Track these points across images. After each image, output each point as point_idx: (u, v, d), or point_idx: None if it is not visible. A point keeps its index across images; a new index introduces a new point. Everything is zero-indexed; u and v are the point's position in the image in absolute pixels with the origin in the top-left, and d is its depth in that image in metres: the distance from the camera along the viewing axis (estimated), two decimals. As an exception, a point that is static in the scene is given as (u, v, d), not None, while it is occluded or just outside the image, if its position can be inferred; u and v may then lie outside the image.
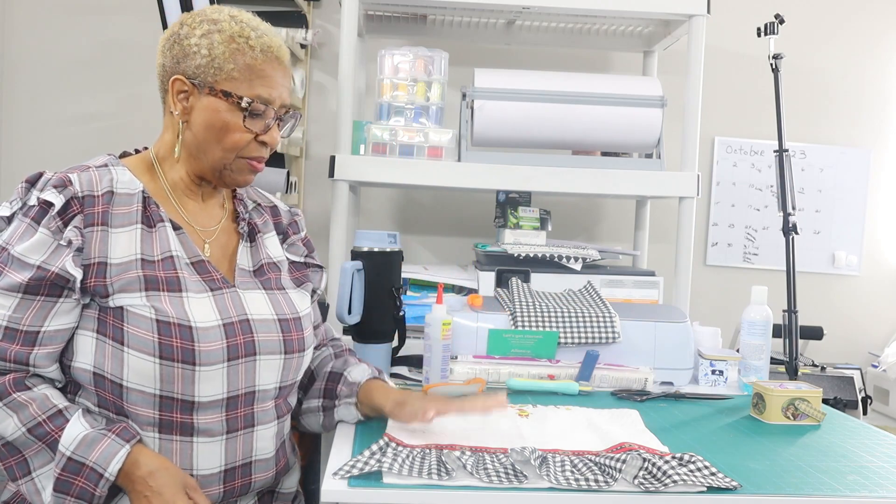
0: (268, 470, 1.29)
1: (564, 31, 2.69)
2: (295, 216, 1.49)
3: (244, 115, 1.24)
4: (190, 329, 1.17)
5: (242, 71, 1.24)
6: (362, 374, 1.39)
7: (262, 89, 1.25)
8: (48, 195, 1.17)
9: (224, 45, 1.23)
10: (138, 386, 1.17)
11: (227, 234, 1.35)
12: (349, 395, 1.37)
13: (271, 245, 1.39)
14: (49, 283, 1.15)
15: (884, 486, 1.16)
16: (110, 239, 1.20)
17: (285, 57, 1.29)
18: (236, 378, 1.22)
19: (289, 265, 1.41)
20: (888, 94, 3.02)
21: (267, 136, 1.28)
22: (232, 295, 1.26)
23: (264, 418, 1.27)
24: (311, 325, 1.38)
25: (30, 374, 1.18)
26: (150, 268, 1.20)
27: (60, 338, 1.18)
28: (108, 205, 1.21)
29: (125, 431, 1.15)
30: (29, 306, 1.16)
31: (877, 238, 3.04)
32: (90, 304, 1.19)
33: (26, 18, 2.88)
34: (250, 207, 1.40)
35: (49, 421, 1.14)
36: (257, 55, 1.24)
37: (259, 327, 1.26)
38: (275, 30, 1.31)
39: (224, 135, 1.25)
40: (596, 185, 2.25)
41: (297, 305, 1.34)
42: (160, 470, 1.14)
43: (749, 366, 1.78)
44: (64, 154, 2.83)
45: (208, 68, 1.23)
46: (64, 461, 1.13)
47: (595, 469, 1.14)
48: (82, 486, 1.12)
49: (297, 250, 1.45)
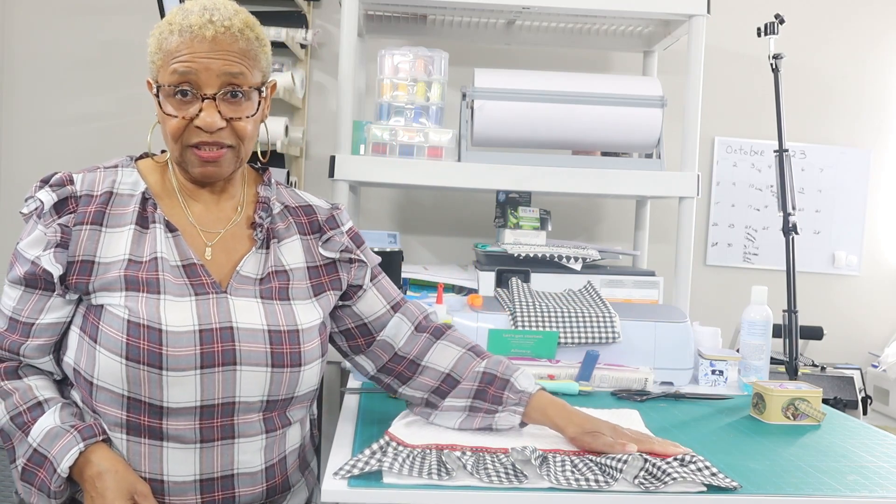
0: (254, 485, 1.22)
1: (564, 31, 2.69)
2: (334, 210, 1.39)
3: (158, 101, 1.21)
4: (160, 332, 1.15)
5: (164, 57, 1.20)
6: (530, 383, 1.32)
7: (177, 65, 1.17)
8: (42, 194, 1.20)
9: (154, 37, 1.21)
10: (107, 385, 1.16)
11: (237, 238, 1.29)
12: (517, 402, 1.29)
13: (288, 252, 1.30)
14: (41, 277, 1.18)
15: (884, 486, 1.16)
16: (102, 238, 1.19)
17: (210, 31, 1.17)
18: (211, 387, 1.17)
19: (314, 269, 1.32)
20: (888, 94, 3.02)
21: (198, 119, 1.18)
22: (219, 301, 1.21)
23: (248, 431, 1.20)
24: (317, 339, 1.27)
25: (23, 364, 1.22)
26: (135, 269, 1.19)
27: (52, 331, 1.20)
28: (104, 205, 1.21)
29: (88, 430, 1.15)
30: (29, 299, 1.19)
31: (877, 238, 3.04)
32: (81, 301, 1.20)
33: (26, 18, 2.88)
34: (276, 211, 1.32)
35: (28, 411, 1.17)
36: (174, 38, 1.18)
37: (243, 336, 1.19)
38: (230, 10, 1.21)
39: (163, 126, 1.22)
40: (596, 185, 2.25)
41: (300, 318, 1.25)
42: (108, 472, 1.12)
43: (749, 366, 1.78)
44: (64, 154, 2.84)
45: (150, 65, 1.22)
46: (30, 452, 1.15)
47: (595, 469, 1.14)
48: (43, 478, 1.14)
49: (333, 245, 1.34)
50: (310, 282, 1.31)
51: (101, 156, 1.33)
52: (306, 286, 1.30)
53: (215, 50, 1.18)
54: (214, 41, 1.18)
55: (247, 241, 1.29)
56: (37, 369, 1.23)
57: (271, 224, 1.31)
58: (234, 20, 1.21)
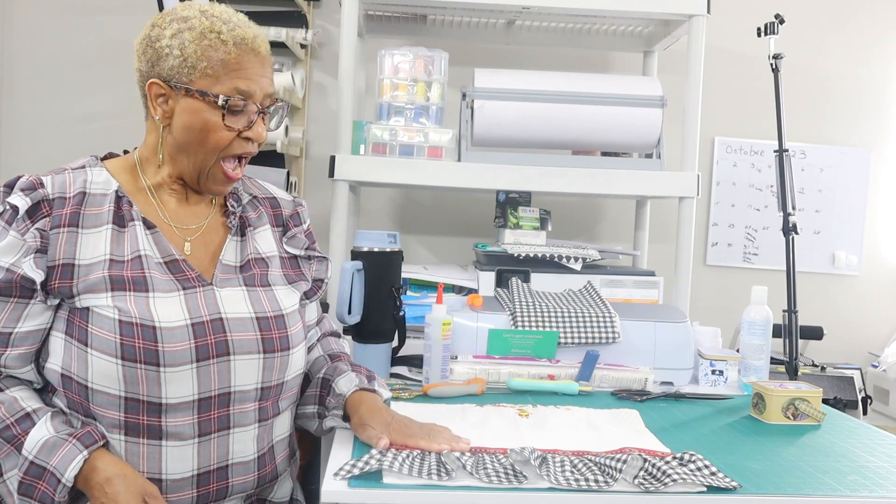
0: (247, 474, 1.24)
1: (564, 31, 2.69)
2: (297, 206, 1.44)
3: (223, 113, 1.21)
4: (154, 329, 1.15)
5: (217, 67, 1.20)
6: (349, 385, 1.34)
7: (240, 83, 1.21)
8: (14, 199, 1.18)
9: (195, 43, 1.20)
10: (103, 388, 1.15)
11: (214, 230, 1.32)
12: (336, 406, 1.33)
13: (262, 240, 1.35)
14: (18, 285, 1.15)
15: (884, 486, 1.16)
16: (80, 240, 1.18)
17: (262, 47, 1.24)
18: (208, 379, 1.18)
19: (284, 260, 1.37)
20: (888, 94, 3.02)
21: (251, 131, 1.24)
22: (206, 293, 1.22)
23: (243, 420, 1.22)
24: (299, 322, 1.32)
25: (3, 376, 1.19)
26: (118, 268, 1.18)
27: (32, 339, 1.18)
28: (79, 206, 1.20)
29: (87, 436, 1.14)
30: (3, 308, 1.16)
31: (877, 238, 3.04)
32: (62, 305, 1.19)
33: (26, 18, 2.88)
34: (245, 201, 1.36)
35: (16, 424, 1.14)
36: (230, 49, 1.20)
37: (233, 326, 1.21)
38: (250, 22, 1.27)
39: (206, 135, 1.22)
40: (596, 185, 2.25)
41: (282, 302, 1.29)
42: (117, 477, 1.12)
43: (749, 366, 1.78)
44: (64, 154, 2.83)
45: (182, 69, 1.20)
46: (27, 465, 1.12)
47: (595, 469, 1.14)
48: (44, 490, 1.12)
49: (297, 243, 1.40)
50: (284, 271, 1.36)
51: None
52: (282, 273, 1.35)
53: (264, 66, 1.25)
54: (264, 58, 1.25)
55: (222, 231, 1.32)
56: (17, 380, 1.20)
57: (243, 212, 1.35)
58: (263, 34, 1.27)
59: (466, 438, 1.22)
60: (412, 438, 1.21)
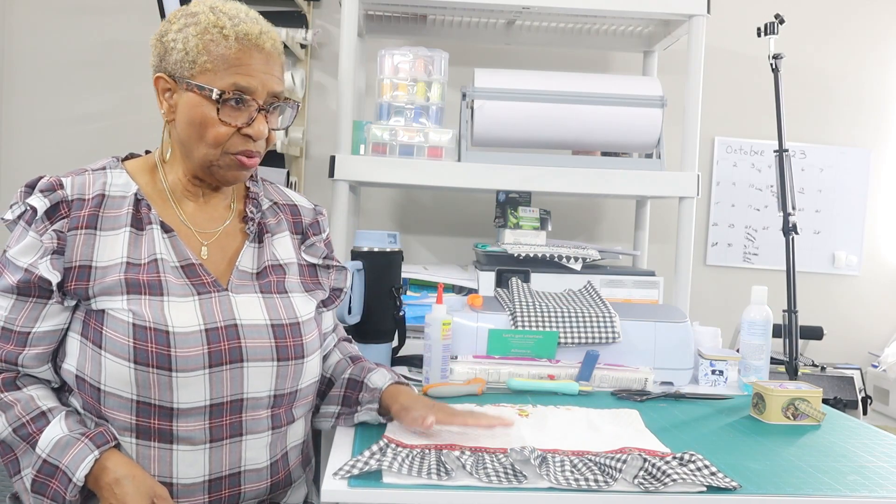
0: (260, 481, 1.24)
1: (564, 31, 2.69)
2: (318, 215, 1.43)
3: (217, 108, 1.20)
4: (167, 334, 1.15)
5: (217, 62, 1.19)
6: (383, 380, 1.35)
7: (240, 78, 1.20)
8: (33, 200, 1.18)
9: (198, 38, 1.20)
10: (115, 390, 1.15)
11: (232, 235, 1.31)
12: (371, 400, 1.33)
13: (280, 246, 1.34)
14: (36, 285, 1.16)
15: (884, 486, 1.16)
16: (97, 242, 1.18)
17: (268, 44, 1.23)
18: (220, 385, 1.18)
19: (302, 268, 1.36)
20: (888, 94, 3.02)
21: (250, 128, 1.22)
22: (221, 299, 1.22)
23: (255, 427, 1.22)
24: (315, 330, 1.31)
25: (21, 375, 1.19)
26: (135, 271, 1.18)
27: (49, 339, 1.19)
28: (97, 208, 1.20)
29: (100, 436, 1.14)
30: (22, 308, 1.17)
31: (877, 238, 3.04)
32: (79, 306, 1.19)
33: (26, 18, 2.88)
34: (265, 207, 1.36)
35: (32, 422, 1.15)
36: (232, 44, 1.19)
37: (248, 333, 1.21)
38: (260, 18, 1.26)
39: (204, 130, 1.21)
40: (596, 185, 2.25)
41: (299, 310, 1.28)
42: (127, 478, 1.11)
43: (749, 366, 1.78)
44: (64, 154, 2.84)
45: (184, 62, 1.20)
46: (40, 463, 1.13)
47: (595, 469, 1.14)
48: (56, 488, 1.12)
49: (316, 252, 1.39)
50: (302, 279, 1.35)
51: (101, 156, 1.32)
52: (299, 281, 1.34)
53: (268, 63, 1.23)
54: (269, 54, 1.23)
55: (239, 237, 1.32)
56: (35, 378, 1.21)
57: (262, 219, 1.34)
58: (273, 32, 1.26)
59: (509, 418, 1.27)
60: (458, 417, 1.24)
